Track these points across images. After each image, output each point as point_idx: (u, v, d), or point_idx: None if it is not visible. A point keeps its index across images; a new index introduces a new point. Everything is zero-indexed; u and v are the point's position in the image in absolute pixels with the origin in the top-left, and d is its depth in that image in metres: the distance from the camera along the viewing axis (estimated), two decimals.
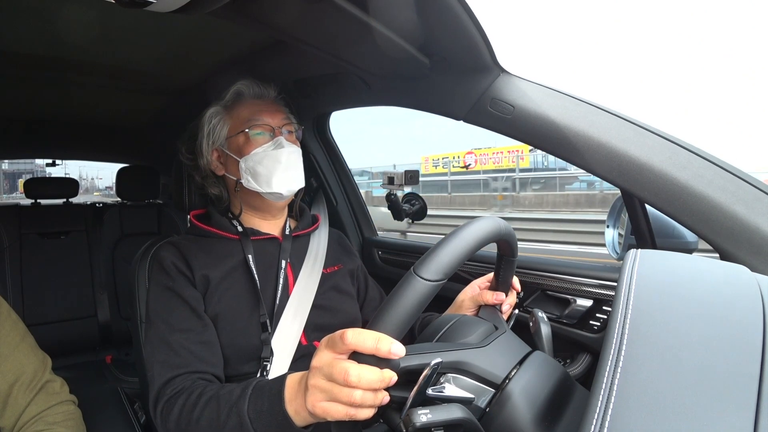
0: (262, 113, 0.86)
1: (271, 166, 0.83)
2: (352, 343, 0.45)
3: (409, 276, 0.46)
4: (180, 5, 0.51)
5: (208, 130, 0.89)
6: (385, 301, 0.46)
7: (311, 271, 0.89)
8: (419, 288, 0.45)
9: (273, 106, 0.89)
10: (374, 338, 0.44)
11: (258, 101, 0.89)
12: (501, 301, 0.71)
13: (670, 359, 0.37)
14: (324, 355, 0.48)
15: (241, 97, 0.89)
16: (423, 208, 1.32)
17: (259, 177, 0.83)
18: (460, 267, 0.48)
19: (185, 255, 0.81)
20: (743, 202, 0.63)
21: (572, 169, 11.30)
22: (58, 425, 0.74)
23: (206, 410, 0.61)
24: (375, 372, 0.45)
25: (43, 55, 1.13)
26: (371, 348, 0.44)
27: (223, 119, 0.89)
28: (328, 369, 0.47)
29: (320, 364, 0.48)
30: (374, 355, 0.45)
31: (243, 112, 0.87)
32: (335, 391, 0.46)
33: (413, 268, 0.46)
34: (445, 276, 0.46)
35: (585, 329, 0.91)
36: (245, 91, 0.89)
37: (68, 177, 2.21)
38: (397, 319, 0.45)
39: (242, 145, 0.85)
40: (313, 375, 0.49)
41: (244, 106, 0.88)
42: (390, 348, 0.44)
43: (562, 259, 1.00)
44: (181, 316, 0.75)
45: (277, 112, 0.88)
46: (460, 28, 0.73)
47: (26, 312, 1.77)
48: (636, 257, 0.50)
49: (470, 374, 0.51)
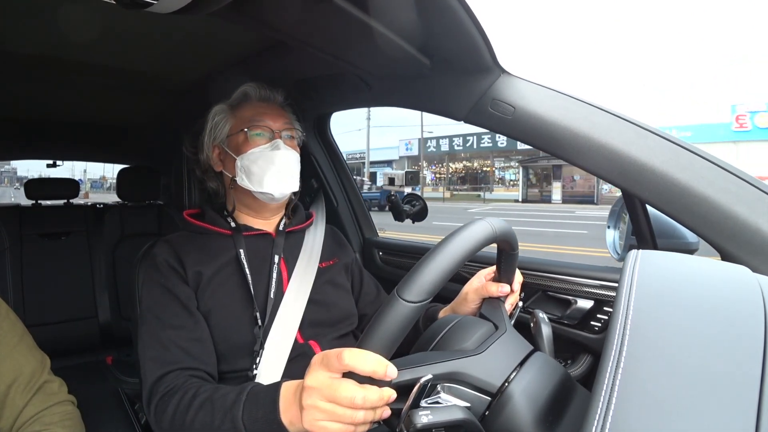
0: (265, 115, 0.87)
1: (264, 166, 0.84)
2: (349, 364, 0.46)
3: (392, 298, 0.46)
4: (181, 6, 0.51)
5: (211, 126, 0.90)
6: (371, 323, 0.47)
7: (306, 266, 0.90)
8: (402, 311, 0.45)
9: (277, 110, 0.90)
10: (372, 360, 0.45)
11: (263, 104, 0.90)
12: (505, 293, 0.71)
13: (672, 360, 0.37)
14: (320, 375, 0.48)
15: (247, 98, 0.90)
16: (424, 209, 1.32)
17: (252, 176, 0.84)
18: (448, 280, 0.48)
19: (178, 252, 0.82)
20: (744, 202, 0.63)
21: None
22: (55, 425, 0.73)
23: (200, 413, 0.61)
24: (377, 392, 0.46)
25: (44, 55, 1.13)
26: (369, 370, 0.45)
27: (227, 117, 0.90)
28: (329, 391, 0.47)
29: (318, 385, 0.48)
30: (371, 376, 0.46)
31: (246, 113, 0.88)
32: (338, 413, 0.47)
33: (396, 289, 0.46)
34: (429, 295, 0.46)
35: (586, 330, 0.90)
36: (252, 93, 0.90)
37: (69, 178, 2.22)
38: (385, 342, 0.46)
39: (241, 144, 0.86)
40: (309, 395, 0.49)
41: (248, 107, 0.89)
42: (386, 370, 0.45)
43: (562, 260, 1.00)
44: (172, 312, 0.76)
45: (279, 117, 0.89)
46: (460, 28, 0.73)
47: (27, 313, 1.77)
48: (637, 258, 0.50)
49: (465, 383, 0.51)
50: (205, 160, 0.92)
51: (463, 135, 24.08)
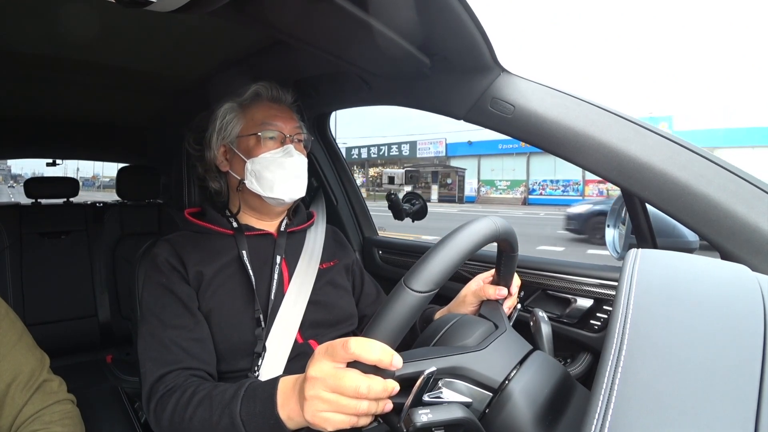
0: (277, 118, 0.86)
1: (277, 172, 0.83)
2: (355, 353, 0.45)
3: (399, 288, 0.46)
4: (180, 5, 0.51)
5: (221, 125, 0.88)
6: (377, 312, 0.47)
7: (307, 267, 0.89)
8: (409, 300, 0.45)
9: (287, 112, 0.89)
10: (378, 348, 0.45)
11: (274, 105, 0.89)
12: (502, 296, 0.71)
13: (671, 359, 0.37)
14: (324, 365, 0.48)
15: (259, 98, 0.89)
16: (423, 208, 1.32)
17: (263, 181, 0.84)
18: (453, 273, 0.48)
19: (179, 251, 0.81)
20: (744, 201, 0.63)
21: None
22: (54, 424, 0.73)
23: (199, 409, 0.61)
24: (381, 383, 0.46)
25: (44, 54, 1.13)
26: (375, 359, 0.45)
27: (237, 117, 0.88)
28: (333, 380, 0.46)
29: (322, 375, 0.48)
30: (376, 365, 0.45)
31: (258, 114, 0.87)
32: (342, 403, 0.46)
33: (404, 279, 0.47)
34: (436, 286, 0.46)
35: (586, 329, 0.91)
36: (263, 92, 0.89)
37: (69, 177, 2.21)
38: (391, 331, 0.46)
39: (252, 147, 0.85)
40: (312, 386, 0.48)
41: (260, 107, 0.88)
42: (392, 359, 0.45)
43: (562, 259, 1.00)
44: (173, 312, 0.76)
45: (290, 119, 0.89)
46: (460, 27, 0.73)
47: (26, 311, 1.77)
48: (636, 257, 0.50)
49: (467, 379, 0.51)
50: (211, 158, 0.90)
51: (377, 145, 28.48)
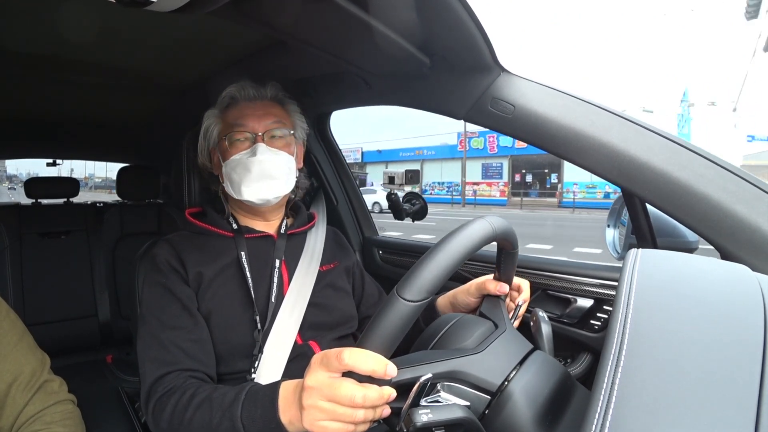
0: (248, 117, 0.84)
1: (242, 174, 0.82)
2: (349, 363, 0.46)
3: (392, 297, 0.46)
4: (180, 5, 0.51)
5: (204, 130, 0.89)
6: (371, 323, 0.47)
7: (307, 270, 0.89)
8: (402, 310, 0.45)
9: (262, 109, 0.86)
10: (371, 359, 0.45)
11: (249, 104, 0.86)
12: (503, 293, 0.71)
13: (671, 359, 0.37)
14: (319, 375, 0.49)
15: (235, 101, 0.88)
16: (423, 208, 1.32)
17: (233, 183, 0.83)
18: (450, 277, 0.48)
19: (179, 252, 0.81)
20: (744, 201, 0.63)
21: None
22: (55, 424, 0.73)
23: (198, 412, 0.61)
24: (377, 391, 0.46)
25: (43, 54, 1.13)
26: (369, 369, 0.45)
27: (215, 121, 0.88)
28: (329, 390, 0.47)
29: (318, 385, 0.48)
30: (371, 375, 0.46)
31: (230, 116, 0.86)
32: (339, 412, 0.47)
33: (396, 288, 0.47)
34: (429, 294, 0.46)
35: (586, 329, 0.90)
36: (237, 94, 0.87)
37: (69, 177, 2.21)
38: (384, 341, 0.46)
39: (225, 150, 0.85)
40: (309, 395, 0.49)
41: (234, 109, 0.87)
42: (386, 369, 0.45)
43: (562, 259, 1.00)
44: (172, 313, 0.75)
45: (265, 116, 0.85)
46: (460, 27, 0.73)
47: (26, 311, 1.77)
48: (637, 257, 0.50)
49: (465, 382, 0.51)
50: (202, 163, 0.92)
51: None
